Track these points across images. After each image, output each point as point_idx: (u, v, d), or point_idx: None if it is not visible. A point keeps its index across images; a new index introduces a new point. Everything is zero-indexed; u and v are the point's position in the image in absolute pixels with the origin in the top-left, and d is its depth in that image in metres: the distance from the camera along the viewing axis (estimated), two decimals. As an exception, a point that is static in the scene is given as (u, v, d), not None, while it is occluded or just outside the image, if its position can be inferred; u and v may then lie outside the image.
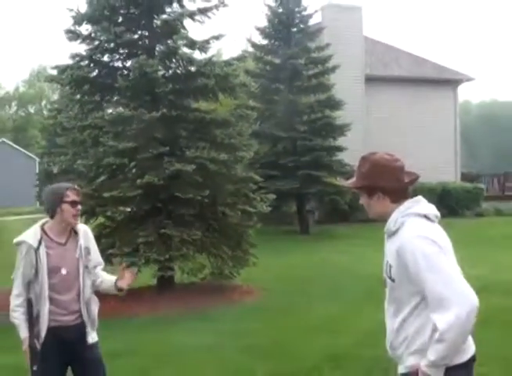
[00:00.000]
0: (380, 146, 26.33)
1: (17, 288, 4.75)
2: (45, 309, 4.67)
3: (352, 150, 22.68)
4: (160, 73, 12.79)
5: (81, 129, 12.59)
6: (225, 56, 17.82)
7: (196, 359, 8.01)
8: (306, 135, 24.34)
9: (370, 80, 28.97)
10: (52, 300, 4.70)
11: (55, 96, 66.32)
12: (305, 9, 26.09)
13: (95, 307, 4.92)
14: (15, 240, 4.81)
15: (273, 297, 12.21)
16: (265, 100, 25.85)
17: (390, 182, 3.35)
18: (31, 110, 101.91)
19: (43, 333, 4.67)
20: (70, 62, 12.85)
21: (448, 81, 31.94)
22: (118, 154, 11.98)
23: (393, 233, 3.33)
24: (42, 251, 4.70)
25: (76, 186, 4.89)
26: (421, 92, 30.53)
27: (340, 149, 24.40)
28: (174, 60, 13.07)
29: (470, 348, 3.23)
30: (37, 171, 61.97)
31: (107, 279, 4.93)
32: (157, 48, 13.12)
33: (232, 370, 7.52)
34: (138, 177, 11.97)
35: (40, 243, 4.72)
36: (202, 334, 9.29)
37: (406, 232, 3.23)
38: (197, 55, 13.14)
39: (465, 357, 3.17)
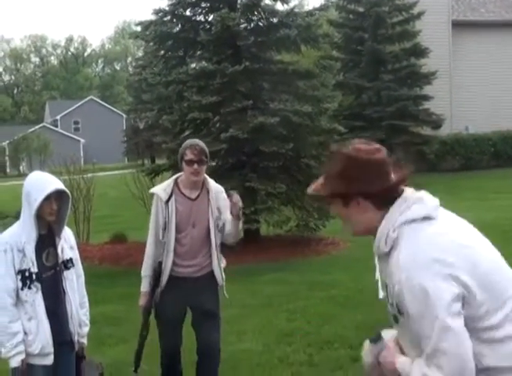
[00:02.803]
0: (469, 95, 25.45)
1: (149, 246, 5.02)
2: (168, 260, 4.89)
3: (439, 98, 22.19)
4: (242, 26, 12.77)
5: (165, 85, 12.73)
6: (308, 7, 17.55)
7: (282, 309, 8.13)
8: (391, 84, 23.95)
9: (457, 25, 27.97)
10: (177, 252, 4.92)
11: (140, 53, 67.13)
12: (389, -45, 25.39)
13: (220, 263, 5.13)
14: (150, 190, 5.21)
15: (358, 248, 12.15)
16: (348, 50, 25.53)
17: (371, 182, 2.44)
18: (117, 67, 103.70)
19: (164, 282, 4.92)
20: (154, 18, 12.96)
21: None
22: (202, 109, 12.07)
23: (386, 255, 2.44)
24: (172, 204, 4.89)
25: (198, 145, 4.94)
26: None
27: (426, 98, 23.92)
28: (255, 13, 12.99)
29: None
30: (124, 127, 63.30)
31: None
32: (239, 1, 13.04)
33: (318, 319, 7.60)
34: (222, 131, 12.07)
35: (170, 196, 4.90)
36: (288, 284, 9.41)
37: (405, 257, 2.31)
38: (279, 6, 13.06)
39: None
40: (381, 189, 2.42)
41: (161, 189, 4.97)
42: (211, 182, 5.10)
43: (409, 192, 2.50)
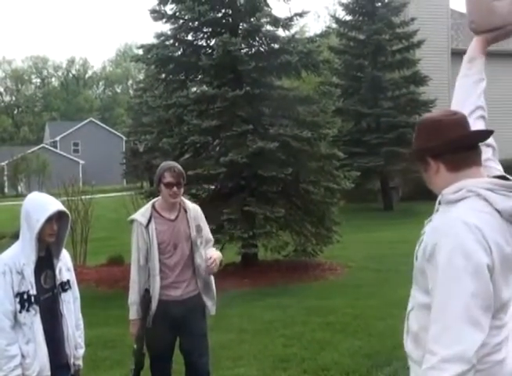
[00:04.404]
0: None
1: (134, 272, 4.95)
2: (155, 284, 4.87)
3: (438, 126, 22.17)
4: (244, 51, 12.83)
5: (165, 108, 12.77)
6: (309, 33, 17.69)
7: (279, 335, 8.09)
8: (390, 111, 24.05)
9: (456, 54, 28.20)
10: (163, 275, 4.89)
11: (141, 76, 67.42)
12: (390, -16, 25.64)
13: (211, 281, 5.11)
14: (129, 218, 5.11)
15: (356, 274, 12.17)
16: (348, 77, 25.64)
17: (441, 141, 2.45)
18: (118, 89, 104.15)
19: (154, 307, 4.88)
20: (155, 41, 13.05)
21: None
22: (202, 132, 12.11)
23: (450, 202, 2.46)
24: (152, 227, 4.91)
25: (176, 168, 4.98)
26: (509, 66, 29.57)
27: (425, 125, 23.97)
28: (257, 38, 13.08)
29: None
30: (123, 149, 63.40)
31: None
32: (241, 27, 13.13)
33: (315, 345, 7.56)
34: (221, 155, 12.09)
35: (150, 219, 4.93)
36: (285, 310, 9.37)
37: (458, 213, 2.35)
38: (280, 32, 13.13)
39: None
40: (452, 148, 2.45)
41: (140, 214, 5.02)
42: (188, 202, 5.17)
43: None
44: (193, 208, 5.13)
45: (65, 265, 4.17)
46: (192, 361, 5.04)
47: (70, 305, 4.14)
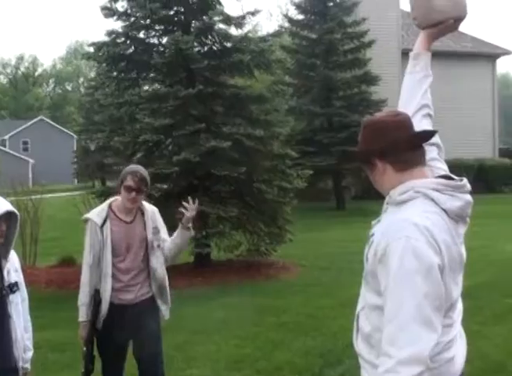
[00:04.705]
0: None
1: (85, 273, 4.81)
2: (106, 286, 4.72)
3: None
4: (196, 49, 12.77)
5: (117, 106, 12.65)
6: (262, 32, 17.71)
7: (232, 335, 8.05)
8: (342, 111, 24.25)
9: (407, 54, 28.43)
10: (115, 278, 4.76)
11: (92, 74, 66.73)
12: (341, -17, 25.84)
13: (166, 284, 5.02)
14: (83, 216, 4.90)
15: (310, 273, 12.21)
16: (300, 76, 25.77)
17: (383, 141, 2.46)
18: (68, 87, 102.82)
19: (104, 309, 4.74)
20: (107, 39, 12.90)
21: (485, 55, 31.42)
22: (154, 131, 12.01)
23: (398, 203, 2.47)
24: (107, 228, 4.75)
25: (139, 173, 4.80)
26: (459, 66, 30.10)
27: (377, 125, 24.23)
28: (209, 36, 13.03)
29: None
30: (74, 148, 62.71)
31: (171, 238, 5.03)
32: (193, 25, 13.08)
33: (268, 345, 7.55)
34: (174, 154, 12.01)
35: (105, 220, 4.77)
36: (238, 310, 9.34)
37: (406, 214, 2.37)
38: (233, 31, 13.11)
39: None
40: (398, 148, 2.46)
41: (95, 213, 4.84)
42: (146, 204, 5.02)
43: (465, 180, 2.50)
44: (151, 210, 5.01)
45: (13, 266, 4.07)
46: (145, 368, 4.93)
47: (19, 307, 4.04)
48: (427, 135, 2.62)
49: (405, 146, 2.46)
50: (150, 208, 5.03)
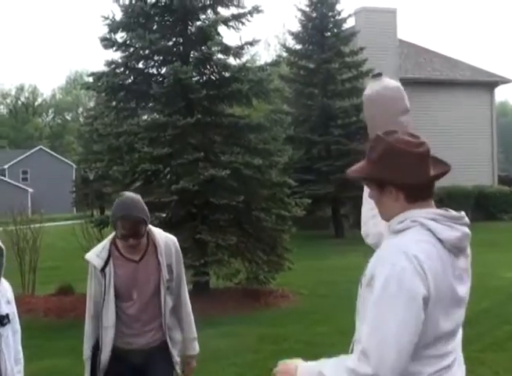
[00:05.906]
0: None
1: (86, 324, 4.26)
2: (106, 338, 4.16)
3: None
4: (195, 79, 12.86)
5: (116, 136, 12.70)
6: (260, 62, 17.83)
7: (230, 363, 8.03)
8: (340, 139, 24.33)
9: (404, 83, 28.32)
10: (124, 326, 4.19)
11: (92, 103, 67.03)
12: (339, 14, 26.14)
13: (176, 332, 4.46)
14: (85, 257, 4.22)
15: (309, 301, 12.19)
16: (299, 105, 25.88)
17: (407, 174, 2.43)
18: (68, 117, 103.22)
19: (104, 362, 4.19)
20: (106, 69, 12.99)
21: (483, 83, 31.60)
22: (153, 160, 12.06)
23: (396, 232, 2.50)
24: (110, 270, 4.08)
25: (131, 216, 4.01)
26: (456, 94, 30.26)
27: (375, 153, 24.28)
28: (208, 66, 13.13)
29: None
30: (73, 177, 62.80)
31: (181, 326, 4.50)
32: (192, 55, 13.18)
33: (267, 373, 7.51)
34: (173, 183, 12.05)
35: (107, 261, 4.08)
36: (237, 337, 9.32)
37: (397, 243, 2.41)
38: (231, 60, 13.22)
39: None
40: (415, 182, 2.45)
41: (95, 254, 4.13)
42: (158, 234, 4.24)
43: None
44: (165, 241, 4.22)
45: (4, 298, 3.99)
46: None
47: (9, 340, 3.96)
48: (444, 174, 2.60)
49: (424, 185, 2.48)
50: (165, 240, 4.24)
